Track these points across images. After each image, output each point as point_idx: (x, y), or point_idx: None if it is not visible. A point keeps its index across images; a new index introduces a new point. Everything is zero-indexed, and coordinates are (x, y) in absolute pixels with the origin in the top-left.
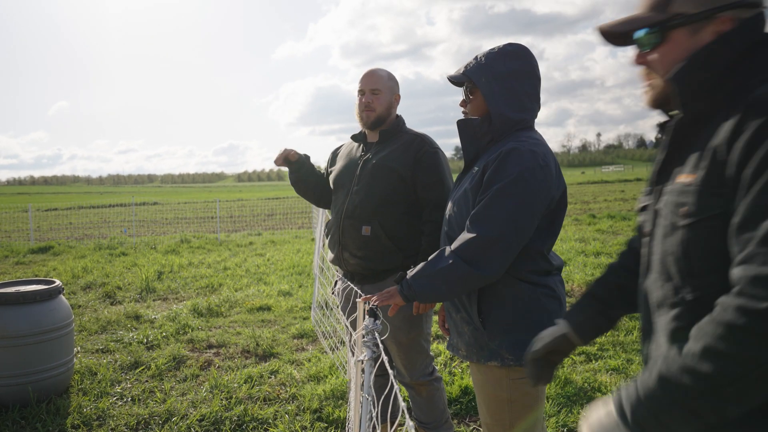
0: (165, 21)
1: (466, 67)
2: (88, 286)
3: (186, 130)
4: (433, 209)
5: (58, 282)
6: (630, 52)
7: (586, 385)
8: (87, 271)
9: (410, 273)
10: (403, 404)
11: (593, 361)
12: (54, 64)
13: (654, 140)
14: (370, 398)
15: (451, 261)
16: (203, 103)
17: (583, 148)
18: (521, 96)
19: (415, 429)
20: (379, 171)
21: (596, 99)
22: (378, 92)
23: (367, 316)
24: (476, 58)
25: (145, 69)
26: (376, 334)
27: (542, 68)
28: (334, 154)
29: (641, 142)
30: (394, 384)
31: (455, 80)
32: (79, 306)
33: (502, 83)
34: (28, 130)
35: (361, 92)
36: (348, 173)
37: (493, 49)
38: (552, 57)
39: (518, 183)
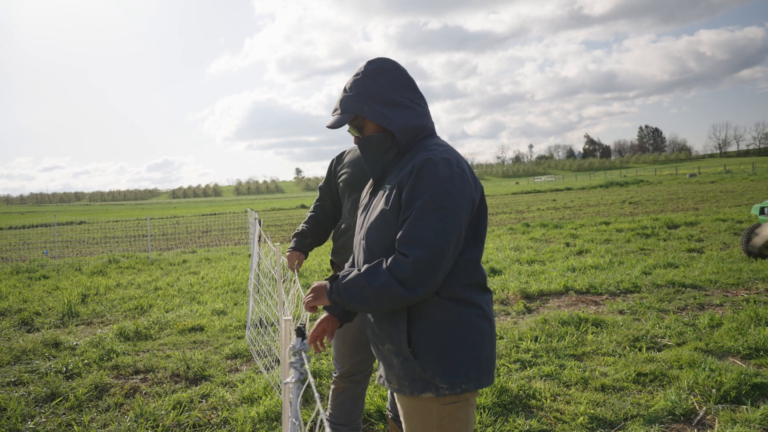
0: (95, 32)
1: (340, 108)
2: (2, 313)
3: (117, 146)
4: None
5: None
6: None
7: (521, 392)
8: (1, 296)
9: (343, 279)
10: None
11: (528, 368)
12: None
13: (582, 151)
14: (297, 422)
15: (385, 279)
16: (136, 118)
17: (517, 159)
18: (409, 104)
19: (390, 421)
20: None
21: (527, 112)
22: None
23: (294, 335)
24: (345, 91)
25: (74, 82)
26: (303, 355)
27: (475, 83)
28: (340, 160)
29: (570, 153)
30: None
31: (338, 125)
32: None
33: (385, 101)
34: None
35: None
36: (367, 179)
37: (357, 75)
38: (484, 72)
39: (439, 195)
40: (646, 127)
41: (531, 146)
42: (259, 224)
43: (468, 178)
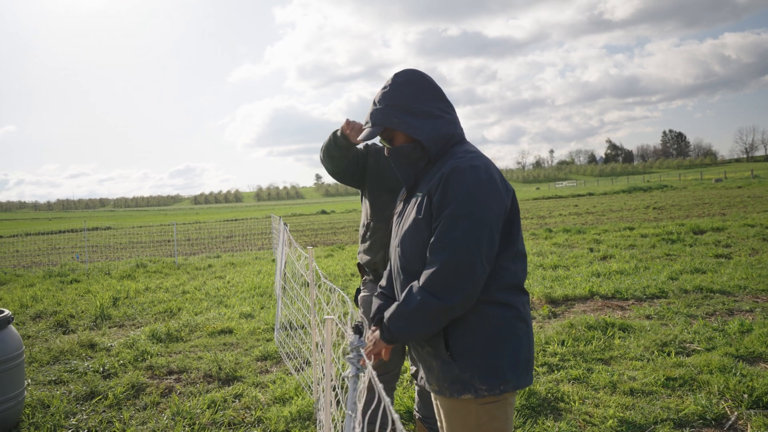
0: (119, 42)
1: (371, 121)
2: (38, 315)
3: (141, 153)
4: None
5: (7, 311)
6: (576, 73)
7: (549, 395)
8: (36, 300)
9: (387, 316)
10: (395, 416)
11: (555, 372)
12: (1, 87)
13: (604, 156)
14: (353, 414)
15: (419, 298)
16: (159, 125)
17: (537, 164)
18: (437, 113)
19: (417, 422)
20: None
21: (548, 117)
22: None
23: (351, 332)
24: (374, 104)
25: (99, 91)
26: (362, 350)
27: (495, 88)
28: (377, 151)
29: (592, 158)
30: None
31: (369, 138)
32: (29, 336)
33: (413, 112)
34: None
35: None
36: (396, 184)
37: (385, 87)
38: (504, 77)
39: (467, 202)
40: (670, 131)
41: (552, 151)
42: (286, 229)
43: (497, 183)
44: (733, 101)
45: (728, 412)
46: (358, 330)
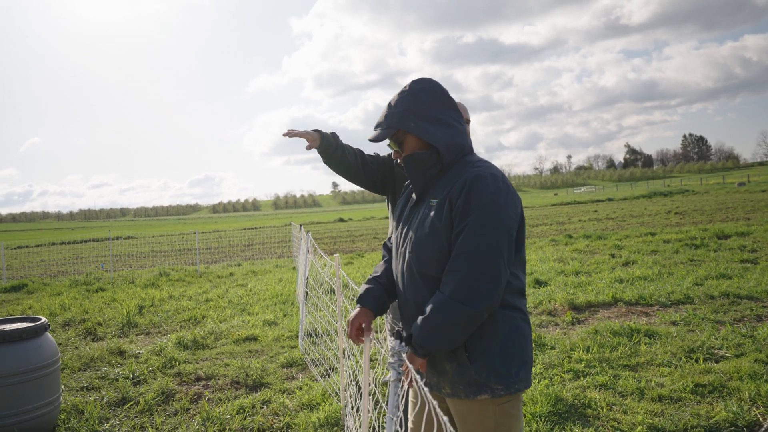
0: (139, 55)
1: (385, 122)
2: (67, 323)
3: (161, 163)
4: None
5: (43, 319)
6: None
7: (576, 401)
8: (65, 308)
9: (415, 332)
10: (444, 418)
11: (581, 378)
12: (26, 100)
13: (623, 161)
14: (395, 418)
15: (449, 307)
16: (178, 135)
17: (555, 170)
18: (452, 122)
19: None
20: None
21: (565, 122)
22: (468, 123)
23: (393, 338)
24: (390, 107)
25: (120, 103)
26: (403, 355)
27: (511, 94)
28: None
29: (610, 163)
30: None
31: (381, 138)
32: (59, 344)
33: (430, 118)
34: None
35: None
36: None
37: (403, 92)
38: (521, 83)
39: (492, 209)
40: (690, 135)
41: (569, 157)
42: (310, 236)
43: (513, 191)
44: (755, 103)
45: (761, 419)
46: (399, 336)
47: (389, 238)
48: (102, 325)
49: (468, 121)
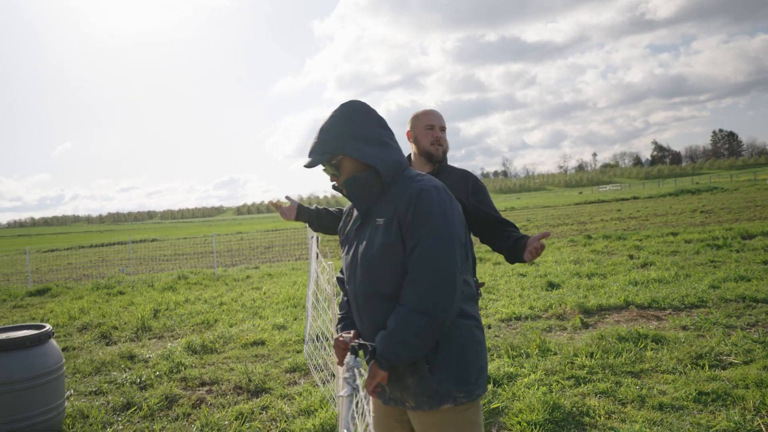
0: (165, 61)
1: (320, 148)
2: (84, 327)
3: (187, 166)
4: (504, 222)
5: (48, 326)
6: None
7: (574, 409)
8: (83, 312)
9: (379, 346)
10: None
11: (582, 385)
12: (59, 106)
13: (650, 158)
14: None
15: (410, 319)
16: (204, 139)
17: (580, 168)
18: (387, 141)
19: None
20: None
21: (590, 120)
22: (444, 130)
23: (348, 354)
24: (323, 132)
25: (147, 108)
26: (356, 371)
27: (535, 92)
28: None
29: (637, 161)
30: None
31: (316, 163)
32: (74, 348)
33: (366, 139)
34: (32, 173)
35: (431, 127)
36: None
37: (334, 116)
38: (544, 81)
39: (441, 221)
40: (720, 131)
41: (595, 155)
42: (317, 242)
43: (455, 200)
44: None
45: (764, 429)
46: (354, 351)
47: (341, 270)
48: (117, 329)
49: (443, 129)
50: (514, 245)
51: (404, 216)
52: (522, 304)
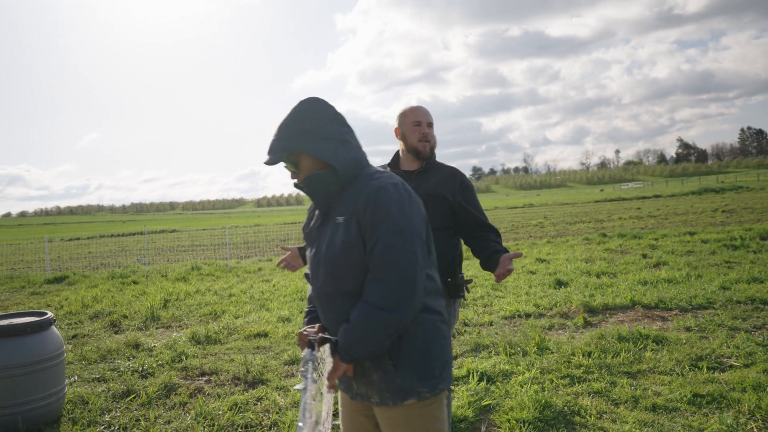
0: (190, 54)
1: (279, 146)
2: (96, 315)
3: (209, 159)
4: (485, 226)
5: (50, 314)
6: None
7: (566, 408)
8: (96, 300)
9: (341, 340)
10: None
11: (576, 384)
12: (86, 98)
13: (675, 156)
14: (302, 426)
15: (373, 315)
16: (227, 132)
17: (602, 165)
18: (347, 138)
19: None
20: (432, 198)
21: (613, 116)
22: (431, 126)
23: (306, 348)
24: (280, 129)
25: (171, 100)
26: (310, 365)
27: (558, 88)
28: None
29: (661, 158)
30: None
31: (276, 161)
32: (84, 335)
33: (323, 137)
34: (59, 163)
35: (418, 123)
36: None
37: (292, 113)
38: (567, 76)
39: (401, 217)
40: (749, 128)
41: (618, 152)
42: None
43: (415, 196)
44: None
45: None
46: (311, 345)
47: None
48: (127, 318)
49: (431, 125)
50: (489, 257)
51: (363, 214)
52: (527, 302)
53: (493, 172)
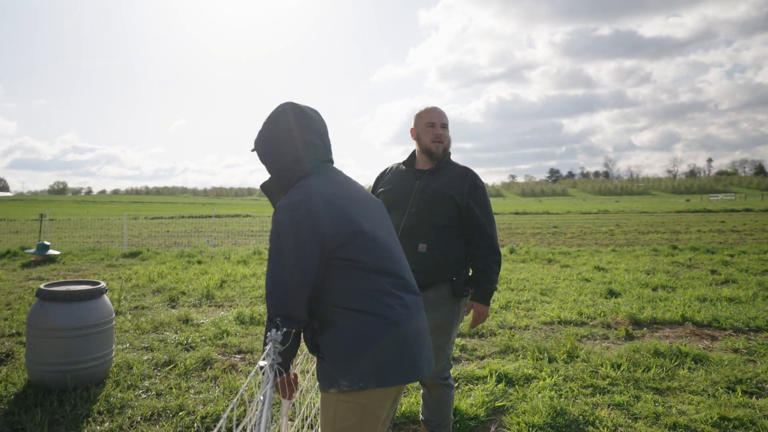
0: (274, 46)
1: (255, 143)
2: (158, 290)
3: None
4: (484, 236)
5: (102, 284)
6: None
7: (581, 417)
8: (162, 276)
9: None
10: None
11: (598, 395)
12: (178, 86)
13: None
14: (264, 401)
15: (270, 324)
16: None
17: (691, 173)
18: (286, 148)
19: (421, 424)
20: (439, 197)
21: (708, 123)
22: (446, 127)
23: (273, 329)
24: (258, 133)
25: (253, 90)
26: (270, 345)
27: (648, 90)
28: (383, 176)
29: (760, 170)
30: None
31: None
32: (144, 307)
33: (269, 149)
34: (150, 145)
35: (432, 125)
36: (403, 195)
37: (265, 121)
38: (659, 79)
39: (276, 239)
40: None
41: (710, 160)
42: None
43: (316, 216)
44: None
45: None
46: (276, 325)
47: None
48: (185, 294)
49: (444, 126)
50: (469, 279)
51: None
52: (572, 309)
53: (571, 175)
